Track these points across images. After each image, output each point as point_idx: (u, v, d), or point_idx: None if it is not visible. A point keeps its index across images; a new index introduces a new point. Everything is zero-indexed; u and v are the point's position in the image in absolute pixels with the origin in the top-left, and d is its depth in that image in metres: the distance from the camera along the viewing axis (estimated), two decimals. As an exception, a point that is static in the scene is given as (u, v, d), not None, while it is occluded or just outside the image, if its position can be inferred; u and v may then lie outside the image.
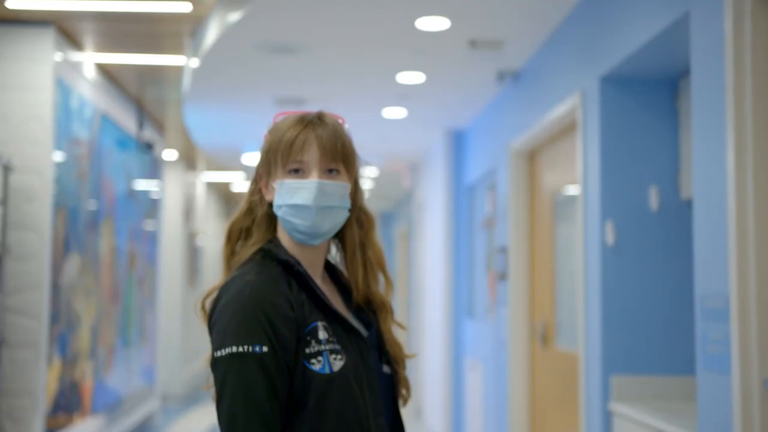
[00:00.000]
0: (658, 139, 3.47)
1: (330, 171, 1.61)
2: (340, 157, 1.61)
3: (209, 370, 1.64)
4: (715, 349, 2.40)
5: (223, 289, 1.57)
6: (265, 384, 1.48)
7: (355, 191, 1.68)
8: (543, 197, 4.80)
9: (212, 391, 1.65)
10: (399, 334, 1.75)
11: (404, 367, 1.71)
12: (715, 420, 2.42)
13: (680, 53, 3.15)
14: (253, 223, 1.67)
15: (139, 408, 7.21)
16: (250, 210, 1.68)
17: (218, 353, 1.50)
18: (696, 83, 2.62)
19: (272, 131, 1.65)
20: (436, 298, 7.17)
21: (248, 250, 1.64)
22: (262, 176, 1.66)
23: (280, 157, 1.60)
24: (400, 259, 11.74)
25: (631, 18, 3.19)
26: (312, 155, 1.59)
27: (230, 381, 1.48)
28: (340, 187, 1.61)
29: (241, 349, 1.48)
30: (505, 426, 5.09)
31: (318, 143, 1.59)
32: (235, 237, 1.68)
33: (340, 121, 1.67)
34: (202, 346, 1.58)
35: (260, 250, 1.62)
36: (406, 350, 1.73)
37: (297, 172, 1.60)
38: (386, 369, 1.68)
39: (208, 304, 1.62)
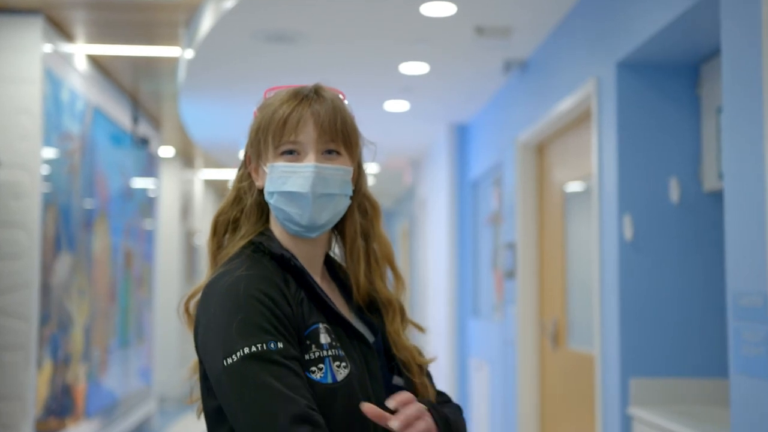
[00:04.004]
0: (679, 128, 3.28)
1: (329, 152, 1.40)
2: (340, 136, 1.41)
3: (193, 381, 1.44)
4: (751, 351, 2.21)
5: (210, 288, 1.36)
6: (295, 377, 1.26)
7: (358, 175, 1.48)
8: (552, 192, 4.62)
9: (198, 404, 1.46)
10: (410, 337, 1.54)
11: (421, 373, 1.47)
12: (751, 427, 2.23)
13: (703, 36, 2.97)
14: (242, 213, 1.47)
15: (135, 410, 7.04)
16: (238, 198, 1.48)
17: (228, 360, 1.26)
18: (727, 66, 2.42)
19: (262, 108, 1.45)
20: (440, 296, 7.00)
21: (237, 244, 1.43)
22: (251, 159, 1.46)
23: (271, 136, 1.40)
24: (402, 257, 11.57)
25: (650, -2, 2.99)
26: (308, 135, 1.39)
27: (251, 384, 1.24)
28: (340, 171, 1.41)
29: (254, 348, 1.26)
30: (513, 429, 4.90)
31: (315, 121, 1.39)
32: (221, 229, 1.48)
33: (340, 96, 1.46)
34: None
35: (250, 243, 1.42)
36: (421, 354, 1.50)
37: (291, 154, 1.40)
38: (397, 380, 1.45)
39: (192, 306, 1.42)
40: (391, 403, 1.26)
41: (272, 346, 1.27)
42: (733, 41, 2.40)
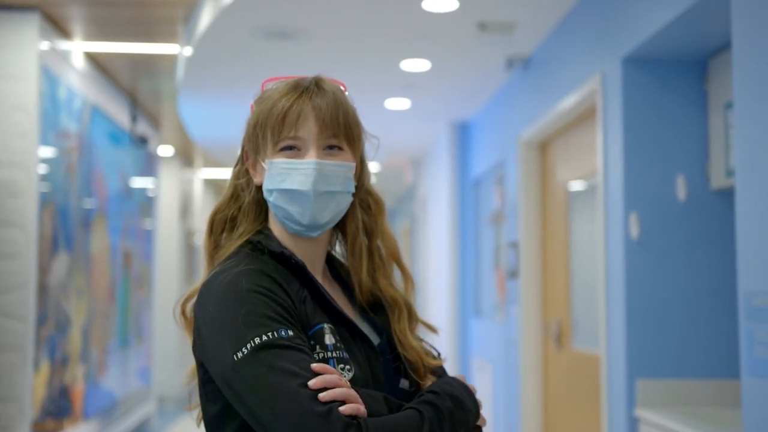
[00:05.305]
0: (686, 125, 3.22)
1: (330, 148, 1.34)
2: (343, 131, 1.34)
3: (192, 386, 1.39)
4: (764, 353, 2.15)
5: (207, 287, 1.30)
6: (310, 360, 1.20)
7: (361, 171, 1.42)
8: (556, 190, 4.56)
9: (197, 411, 1.40)
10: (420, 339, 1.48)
11: (429, 374, 1.41)
12: (763, 430, 2.17)
13: (711, 30, 2.91)
14: (240, 211, 1.41)
15: (135, 411, 6.98)
16: (235, 196, 1.42)
17: (239, 354, 1.20)
18: (738, 58, 2.36)
19: (260, 101, 1.38)
20: (442, 296, 6.95)
21: (234, 243, 1.37)
22: (248, 155, 1.40)
23: (270, 132, 1.34)
24: (402, 257, 11.51)
25: (657, -8, 2.94)
26: (309, 130, 1.33)
27: (267, 372, 1.17)
28: (342, 167, 1.35)
29: (265, 337, 1.20)
30: (517, 431, 4.85)
31: (316, 115, 1.33)
32: (218, 228, 1.42)
33: (341, 88, 1.40)
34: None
35: (248, 242, 1.36)
36: (429, 356, 1.43)
37: (291, 149, 1.33)
38: (404, 384, 1.38)
39: (189, 309, 1.36)
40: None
41: (282, 333, 1.22)
42: (744, 36, 2.34)
